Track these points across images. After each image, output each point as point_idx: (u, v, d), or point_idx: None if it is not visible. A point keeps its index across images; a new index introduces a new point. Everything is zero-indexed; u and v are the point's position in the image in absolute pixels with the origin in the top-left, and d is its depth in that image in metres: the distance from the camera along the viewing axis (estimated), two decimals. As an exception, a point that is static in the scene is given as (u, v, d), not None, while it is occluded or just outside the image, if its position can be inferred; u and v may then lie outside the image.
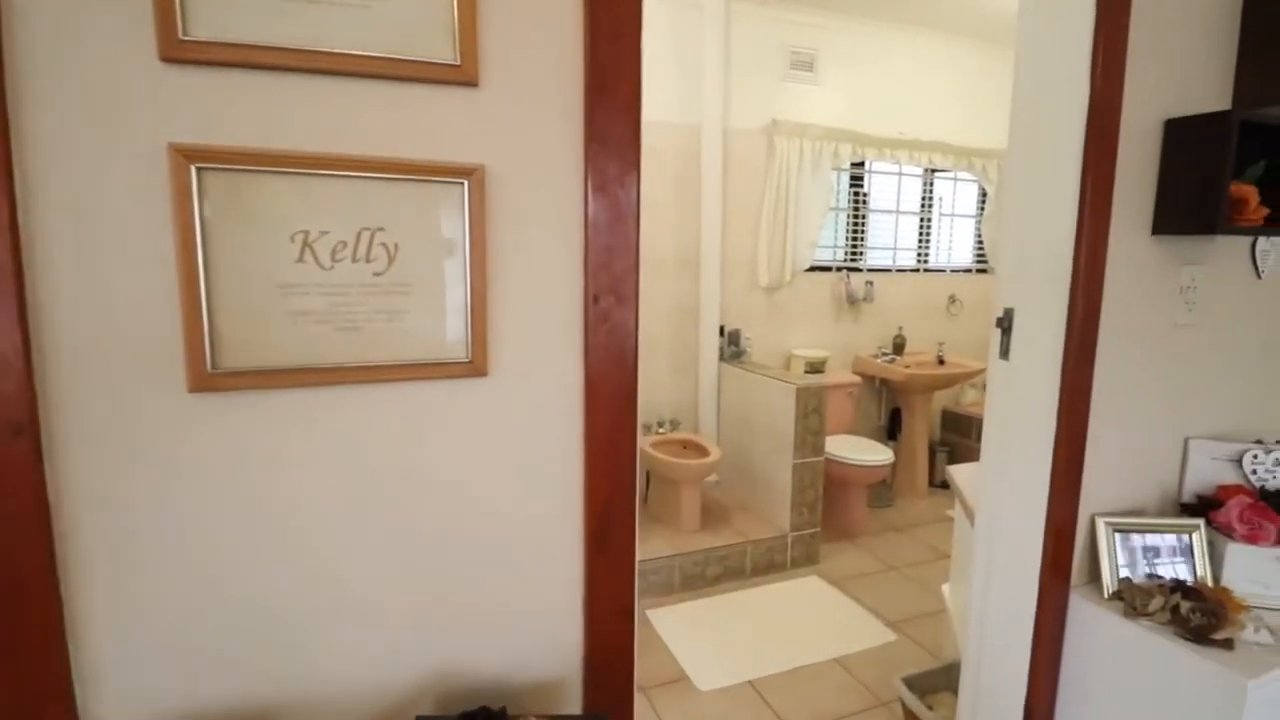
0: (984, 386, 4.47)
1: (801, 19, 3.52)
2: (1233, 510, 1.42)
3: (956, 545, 2.25)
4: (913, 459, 3.87)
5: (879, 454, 3.25)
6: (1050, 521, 1.40)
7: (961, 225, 4.33)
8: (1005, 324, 1.45)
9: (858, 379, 3.65)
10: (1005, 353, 1.45)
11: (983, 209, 4.30)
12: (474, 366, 0.90)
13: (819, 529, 3.04)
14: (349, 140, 0.82)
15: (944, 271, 4.24)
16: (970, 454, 4.09)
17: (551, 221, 0.98)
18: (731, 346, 3.45)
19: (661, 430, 3.26)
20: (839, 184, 3.84)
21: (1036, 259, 1.39)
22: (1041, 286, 1.38)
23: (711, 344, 3.43)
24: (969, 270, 4.34)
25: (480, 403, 0.95)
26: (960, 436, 4.15)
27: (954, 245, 4.30)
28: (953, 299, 4.20)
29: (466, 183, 0.85)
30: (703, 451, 3.05)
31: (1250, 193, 1.37)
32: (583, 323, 1.03)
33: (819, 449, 2.97)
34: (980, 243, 4.33)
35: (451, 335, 0.88)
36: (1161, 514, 1.55)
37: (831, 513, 3.40)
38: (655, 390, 3.44)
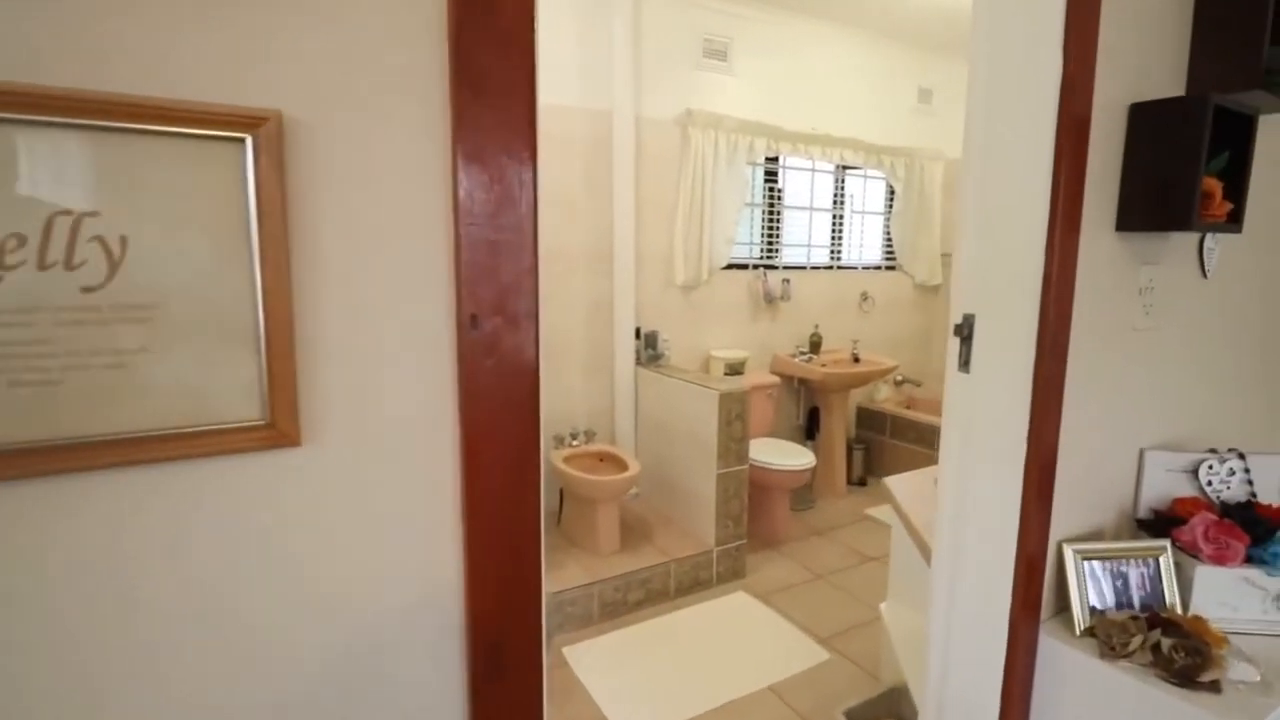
0: (896, 383, 4.48)
1: (715, 5, 3.30)
2: (1197, 528, 1.30)
3: (895, 560, 2.09)
4: (831, 458, 3.77)
5: (801, 457, 3.10)
6: (1021, 550, 1.22)
7: (872, 222, 4.28)
8: (964, 332, 1.26)
9: (776, 380, 3.49)
10: (965, 364, 1.26)
11: (891, 206, 4.26)
12: (276, 432, 0.57)
13: (745, 540, 2.84)
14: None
15: (856, 269, 4.17)
16: (885, 451, 4.04)
17: (400, 204, 0.66)
18: (649, 349, 3.20)
19: (575, 443, 2.96)
20: (754, 179, 3.67)
21: (1001, 260, 1.20)
22: (1007, 290, 1.19)
23: (627, 346, 3.16)
24: (879, 267, 4.29)
25: (290, 488, 0.62)
26: (875, 433, 4.09)
27: (865, 242, 4.24)
28: (865, 296, 4.14)
29: (250, 139, 0.52)
30: (621, 465, 2.78)
31: (1215, 186, 1.24)
32: (454, 356, 0.72)
33: (743, 457, 2.77)
34: (889, 240, 4.29)
35: (233, 386, 0.55)
36: (1119, 533, 1.42)
37: (755, 520, 3.22)
38: (568, 398, 3.14)
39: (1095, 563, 1.29)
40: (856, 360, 3.91)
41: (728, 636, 2.45)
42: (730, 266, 3.58)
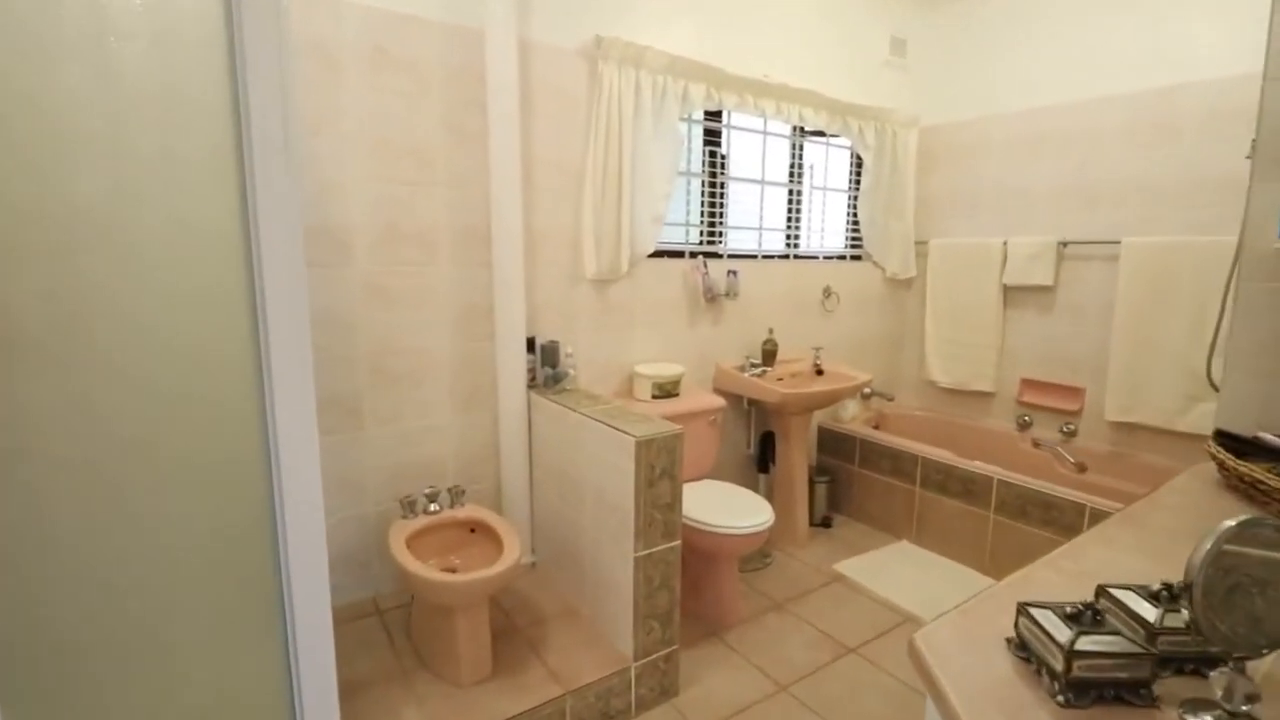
0: (864, 397, 3.69)
1: (633, -105, 2.39)
2: None
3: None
4: (791, 496, 2.94)
5: (755, 514, 2.24)
6: None
7: (835, 202, 3.46)
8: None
9: (720, 402, 2.62)
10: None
11: (858, 182, 3.45)
12: None
13: (676, 645, 1.96)
14: None
15: (817, 258, 3.34)
16: (854, 483, 3.23)
17: None
18: (546, 368, 2.28)
19: (434, 509, 2.01)
20: (690, 140, 2.78)
21: None
22: None
23: (516, 364, 2.23)
24: (844, 257, 3.48)
25: None
26: (841, 461, 3.29)
27: (827, 226, 3.42)
28: (828, 292, 3.32)
29: None
30: (494, 541, 1.86)
31: None
32: None
33: (673, 530, 1.88)
34: (855, 223, 3.48)
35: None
36: None
37: (693, 597, 2.35)
38: (426, 441, 2.19)
39: None
40: (820, 373, 3.08)
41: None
42: (660, 254, 2.69)
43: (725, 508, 2.27)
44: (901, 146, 3.37)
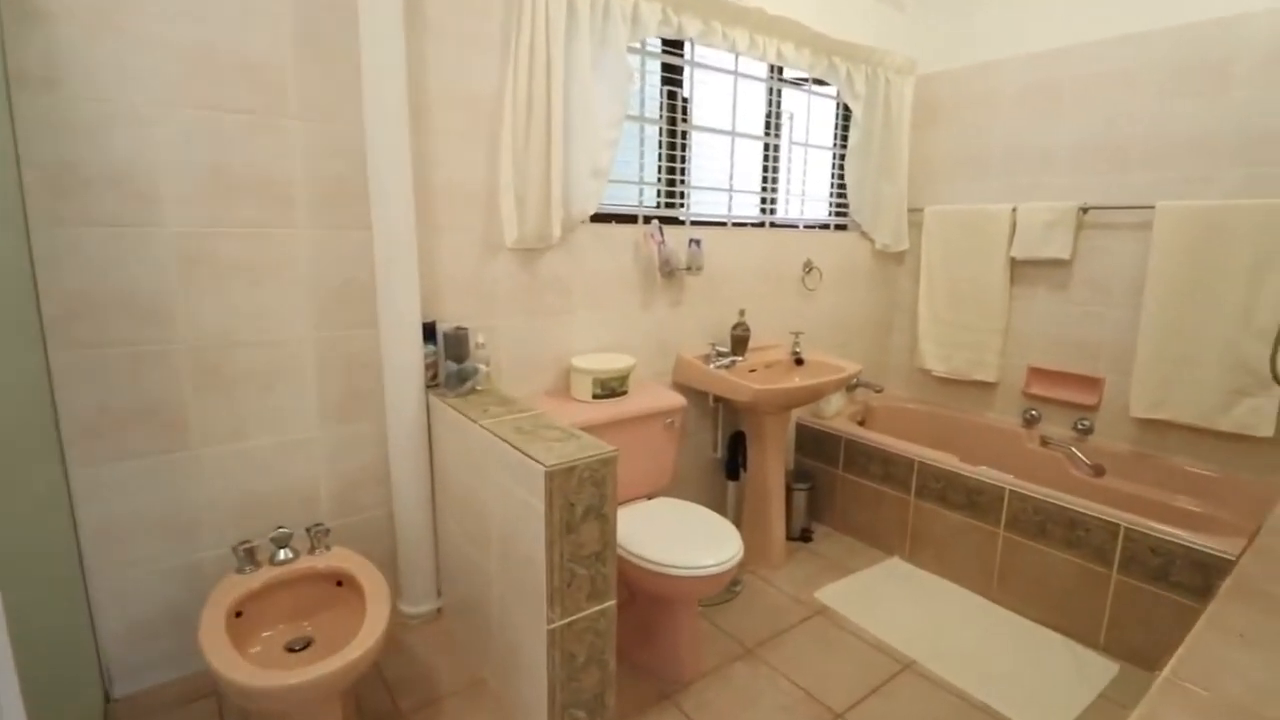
0: (851, 389, 3.19)
1: None
2: None
3: None
4: (764, 509, 2.46)
5: (719, 546, 1.74)
6: None
7: (818, 161, 2.94)
8: None
9: (680, 400, 2.11)
10: None
11: (844, 138, 2.93)
12: None
13: (612, 733, 1.47)
14: None
15: (796, 227, 2.83)
16: (837, 488, 2.76)
17: None
18: (451, 363, 1.74)
19: (284, 557, 1.48)
20: (643, 76, 2.23)
21: None
22: None
23: (409, 359, 1.70)
24: (827, 226, 2.97)
25: None
26: (823, 463, 2.81)
27: (808, 190, 2.90)
28: (809, 266, 2.81)
29: None
30: (358, 598, 1.34)
31: None
32: None
33: (603, 588, 1.38)
34: (841, 187, 2.97)
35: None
36: None
37: (640, 647, 1.87)
38: (285, 463, 1.65)
39: None
40: (800, 362, 2.59)
41: None
42: (605, 218, 2.16)
43: (682, 538, 1.77)
44: (896, 96, 2.85)
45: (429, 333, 1.74)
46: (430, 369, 1.74)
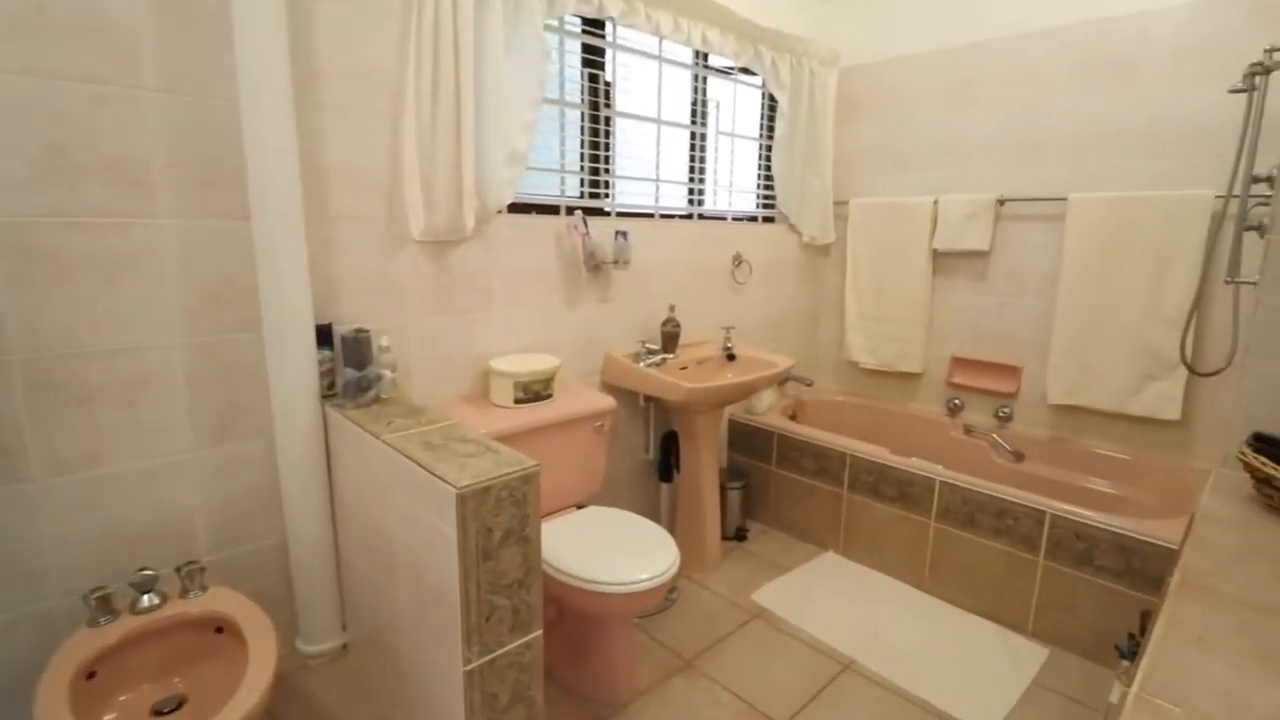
0: (781, 384, 3.13)
1: None
2: None
3: None
4: (699, 510, 2.37)
5: (653, 558, 1.63)
6: None
7: (744, 152, 2.87)
8: None
9: (610, 402, 1.99)
10: None
11: (771, 128, 2.87)
12: None
13: (543, 774, 1.34)
14: None
15: (724, 219, 2.75)
16: (770, 485, 2.71)
17: None
18: (351, 370, 1.55)
19: (148, 603, 1.25)
20: (561, 56, 2.08)
21: None
22: None
23: (301, 366, 1.49)
24: (755, 218, 2.91)
25: None
26: (756, 460, 2.75)
27: (735, 181, 2.83)
28: (738, 260, 2.74)
29: None
30: (240, 646, 1.15)
31: None
32: None
33: (529, 618, 1.23)
34: (769, 178, 2.92)
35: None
36: None
37: (571, 667, 1.74)
38: (152, 491, 1.41)
39: None
40: (732, 358, 2.51)
41: None
42: (525, 208, 2.00)
43: (614, 551, 1.65)
44: (820, 88, 2.82)
45: (324, 336, 1.53)
46: (326, 377, 1.54)
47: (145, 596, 1.25)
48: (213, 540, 1.49)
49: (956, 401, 2.81)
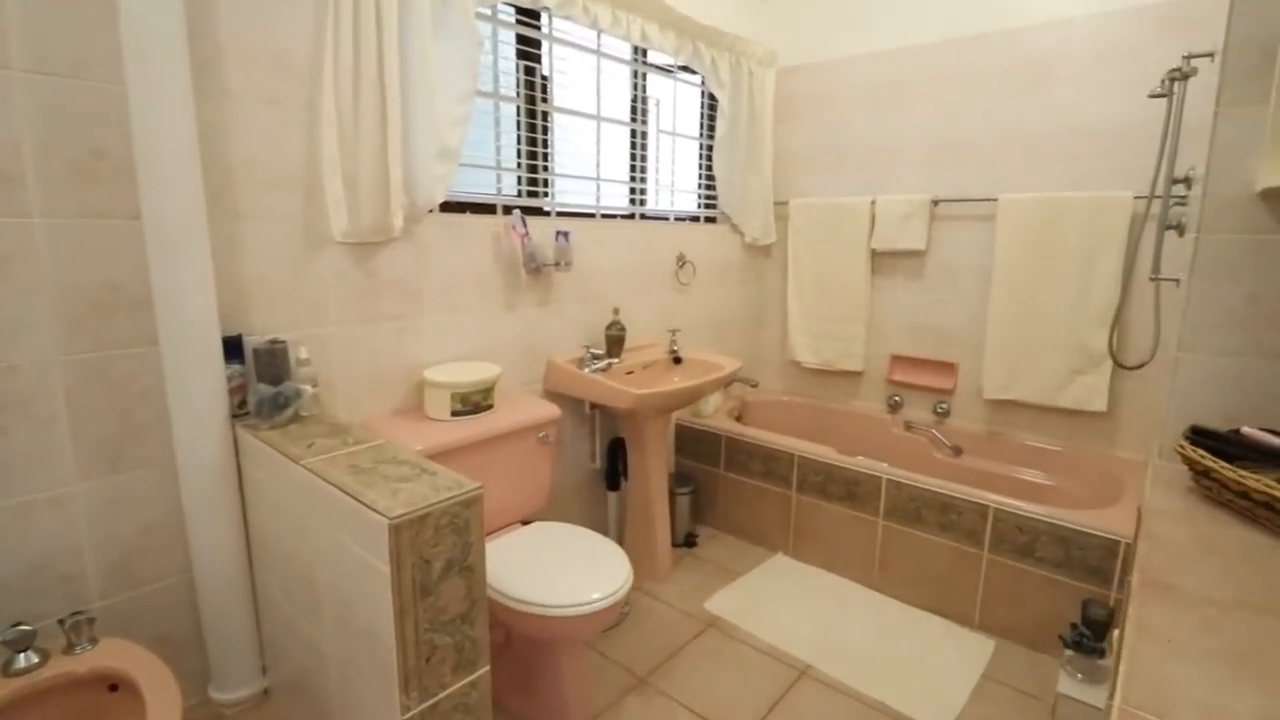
0: (729, 385, 3.02)
1: None
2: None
3: None
4: (648, 518, 2.30)
5: (605, 575, 1.54)
6: None
7: (685, 151, 2.82)
8: None
9: (554, 411, 1.89)
10: None
11: (712, 128, 2.84)
12: None
13: (493, 820, 1.23)
14: None
15: (667, 220, 2.70)
16: (719, 489, 2.67)
17: None
18: (265, 385, 1.39)
19: (26, 663, 1.08)
20: (495, 47, 1.97)
21: None
22: None
23: (206, 384, 1.32)
24: (697, 219, 2.87)
25: None
26: (704, 464, 2.71)
27: (677, 181, 2.78)
28: (682, 260, 2.69)
29: None
30: (138, 705, 1.00)
31: None
32: None
33: (474, 655, 1.12)
34: (710, 178, 2.88)
35: None
36: None
37: (520, 694, 1.63)
38: (27, 531, 1.22)
39: None
40: (678, 361, 2.46)
41: None
42: (458, 207, 1.88)
43: (564, 571, 1.55)
44: (759, 88, 2.81)
45: (233, 349, 1.37)
46: (236, 394, 1.38)
47: (21, 656, 1.07)
48: (105, 584, 1.31)
49: (897, 398, 2.85)
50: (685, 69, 2.62)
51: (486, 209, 1.96)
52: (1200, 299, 1.39)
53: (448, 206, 1.82)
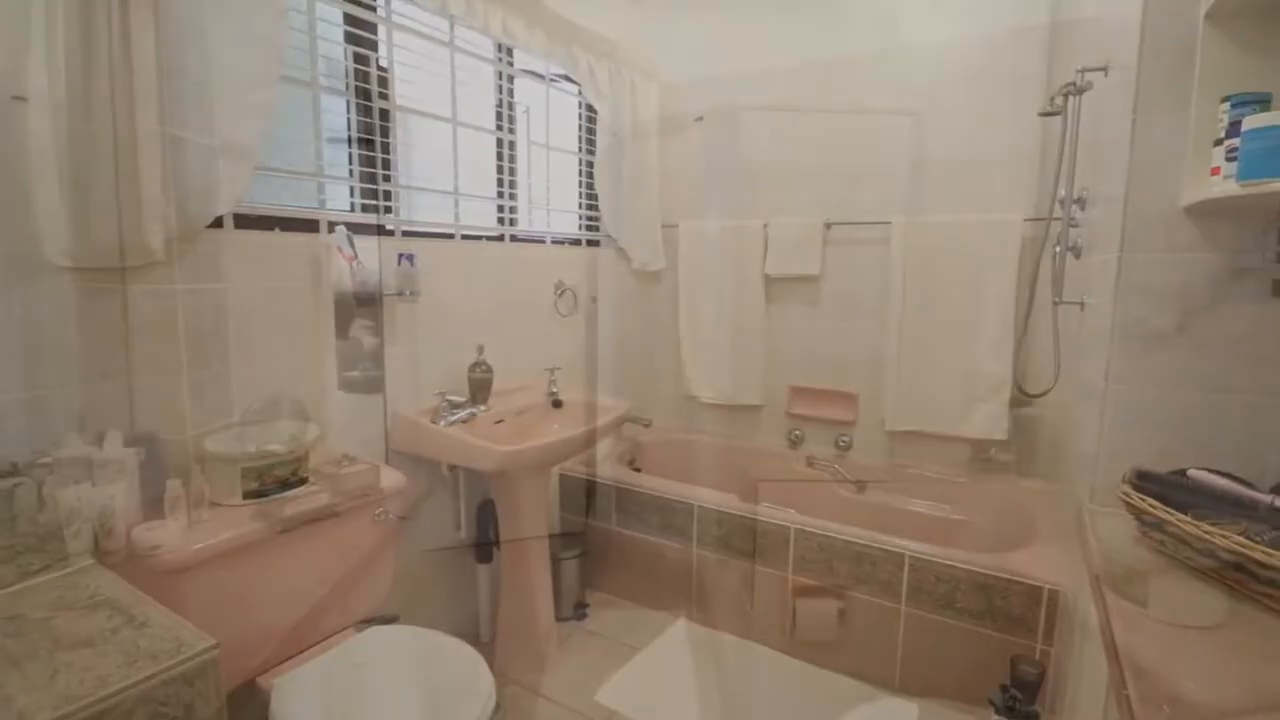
0: (620, 426, 2.56)
1: None
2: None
3: None
4: (527, 594, 1.91)
5: (459, 711, 1.17)
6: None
7: (564, 167, 2.52)
8: None
9: (395, 481, 1.48)
10: None
11: (591, 142, 2.56)
12: None
13: None
14: None
15: (544, 242, 2.37)
16: (612, 548, 2.33)
17: None
18: (-88, 481, 0.91)
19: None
20: (312, 24, 1.57)
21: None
22: None
23: None
24: (578, 242, 2.57)
25: None
26: (594, 520, 2.36)
27: (554, 200, 2.46)
28: (561, 288, 2.37)
29: None
30: None
31: None
32: None
33: None
34: (592, 196, 2.59)
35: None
36: None
37: None
38: None
39: None
40: (558, 404, 2.11)
41: None
42: (264, 222, 1.45)
43: (395, 711, 1.15)
44: (643, 102, 2.57)
45: None
46: None
47: None
48: None
49: (798, 433, 2.66)
50: (565, 78, 2.33)
51: (308, 225, 1.54)
52: (1127, 325, 1.24)
53: (248, 221, 1.40)
